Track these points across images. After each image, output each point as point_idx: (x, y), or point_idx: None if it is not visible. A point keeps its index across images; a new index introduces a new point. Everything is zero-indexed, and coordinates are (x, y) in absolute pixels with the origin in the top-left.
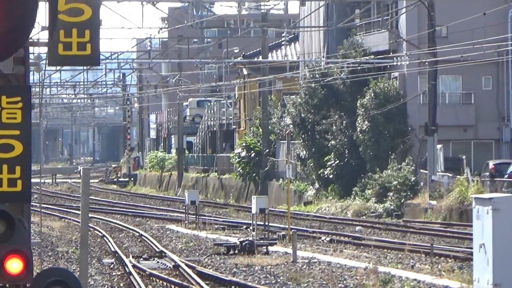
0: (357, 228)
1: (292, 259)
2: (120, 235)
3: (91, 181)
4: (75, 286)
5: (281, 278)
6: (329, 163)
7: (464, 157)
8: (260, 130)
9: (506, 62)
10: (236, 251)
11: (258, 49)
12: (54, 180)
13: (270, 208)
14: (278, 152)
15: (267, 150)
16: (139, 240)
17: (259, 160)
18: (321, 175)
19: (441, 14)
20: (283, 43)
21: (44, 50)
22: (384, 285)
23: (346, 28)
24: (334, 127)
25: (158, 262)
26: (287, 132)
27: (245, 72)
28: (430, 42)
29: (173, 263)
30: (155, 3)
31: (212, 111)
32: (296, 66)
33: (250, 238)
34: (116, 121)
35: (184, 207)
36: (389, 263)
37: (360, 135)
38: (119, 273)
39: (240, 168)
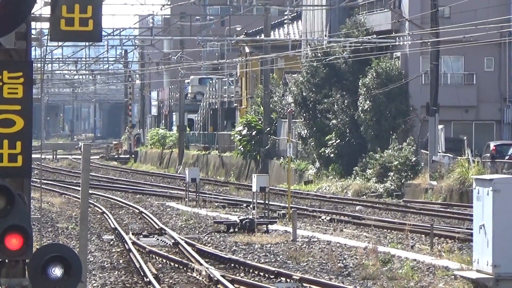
0: (357, 207)
1: (292, 238)
2: (120, 212)
3: (91, 157)
4: (74, 262)
5: (281, 256)
6: (330, 142)
7: (465, 138)
8: (262, 108)
9: (508, 43)
10: (236, 229)
11: (260, 27)
12: (54, 156)
13: (270, 187)
14: (279, 131)
15: (268, 128)
16: (139, 217)
17: (260, 139)
18: (322, 154)
19: None
20: (285, 21)
21: (46, 25)
22: (384, 265)
23: (349, 7)
24: (335, 106)
25: (157, 239)
26: (288, 111)
27: (247, 50)
28: (432, 22)
29: (172, 241)
30: None
31: (213, 89)
32: (298, 44)
33: (250, 217)
34: (118, 97)
35: (184, 185)
36: (389, 243)
37: (362, 114)
38: (118, 250)
39: (241, 146)
